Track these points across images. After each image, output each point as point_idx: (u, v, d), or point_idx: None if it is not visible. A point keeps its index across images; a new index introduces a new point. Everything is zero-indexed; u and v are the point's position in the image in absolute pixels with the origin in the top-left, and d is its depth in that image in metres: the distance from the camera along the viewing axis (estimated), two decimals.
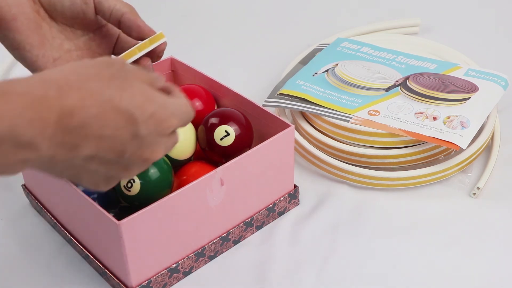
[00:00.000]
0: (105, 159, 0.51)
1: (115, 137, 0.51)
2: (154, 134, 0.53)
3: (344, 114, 0.84)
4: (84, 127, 0.49)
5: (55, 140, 0.48)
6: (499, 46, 1.09)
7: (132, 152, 0.52)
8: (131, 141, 0.52)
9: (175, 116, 0.54)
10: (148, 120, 0.52)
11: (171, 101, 0.54)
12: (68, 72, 0.51)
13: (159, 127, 0.53)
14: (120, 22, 0.65)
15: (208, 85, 0.83)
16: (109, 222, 0.64)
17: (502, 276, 0.71)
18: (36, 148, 0.47)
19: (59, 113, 0.47)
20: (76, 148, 0.49)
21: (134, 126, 0.51)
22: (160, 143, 0.54)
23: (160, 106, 0.53)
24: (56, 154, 0.49)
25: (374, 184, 0.82)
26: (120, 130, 0.51)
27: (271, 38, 1.14)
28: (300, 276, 0.72)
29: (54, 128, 0.47)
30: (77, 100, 0.48)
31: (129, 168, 0.54)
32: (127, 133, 0.51)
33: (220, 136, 0.74)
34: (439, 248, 0.75)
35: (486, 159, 0.85)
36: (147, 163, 0.54)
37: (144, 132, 0.52)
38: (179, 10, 1.23)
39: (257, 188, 0.75)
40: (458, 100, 0.84)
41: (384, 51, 0.96)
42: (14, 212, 0.81)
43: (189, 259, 0.72)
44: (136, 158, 0.53)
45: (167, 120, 0.53)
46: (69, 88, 0.49)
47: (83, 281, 0.72)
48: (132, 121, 0.51)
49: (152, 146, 0.53)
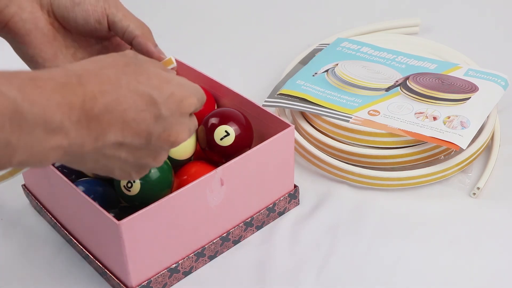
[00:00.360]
0: (133, 145, 0.52)
1: (138, 120, 0.52)
2: (176, 114, 0.54)
3: (344, 114, 0.84)
4: (106, 112, 0.50)
5: (81, 126, 0.49)
6: (499, 46, 1.09)
7: (158, 135, 0.53)
8: (155, 123, 0.53)
9: (193, 94, 0.55)
10: (167, 100, 0.53)
11: (187, 82, 0.56)
12: (84, 63, 0.52)
13: (180, 106, 0.54)
14: (131, 44, 0.65)
15: (208, 85, 0.83)
16: (109, 222, 0.64)
17: (502, 276, 0.71)
18: (66, 134, 0.48)
19: (83, 98, 0.49)
20: (102, 134, 0.50)
21: (155, 107, 0.52)
22: (183, 124, 0.55)
23: (178, 86, 0.54)
24: (85, 142, 0.49)
25: (374, 184, 0.82)
26: (142, 113, 0.52)
27: (271, 38, 1.14)
28: (300, 276, 0.72)
29: (79, 113, 0.48)
30: (97, 86, 0.50)
31: (158, 154, 0.55)
32: (150, 115, 0.52)
33: (220, 136, 0.74)
34: (439, 248, 0.75)
35: (486, 159, 0.85)
36: (173, 146, 0.55)
37: (166, 113, 0.53)
38: (179, 10, 1.23)
39: (257, 188, 0.75)
40: (458, 100, 0.84)
41: (384, 51, 0.96)
42: (14, 212, 0.81)
43: (189, 259, 0.72)
44: (163, 141, 0.54)
45: (187, 99, 0.54)
46: (88, 75, 0.50)
47: (83, 281, 0.72)
48: (152, 102, 0.52)
49: (176, 126, 0.54)
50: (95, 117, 0.49)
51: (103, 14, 0.62)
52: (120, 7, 0.63)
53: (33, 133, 0.46)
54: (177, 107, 0.54)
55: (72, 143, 0.49)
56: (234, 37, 1.15)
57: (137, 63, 0.54)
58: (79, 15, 0.62)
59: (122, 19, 0.63)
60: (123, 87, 0.51)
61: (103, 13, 0.62)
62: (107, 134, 0.50)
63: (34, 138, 0.46)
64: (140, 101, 0.52)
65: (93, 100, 0.49)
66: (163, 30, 1.18)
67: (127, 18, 0.63)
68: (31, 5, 0.62)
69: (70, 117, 0.48)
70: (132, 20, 0.64)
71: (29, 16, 0.62)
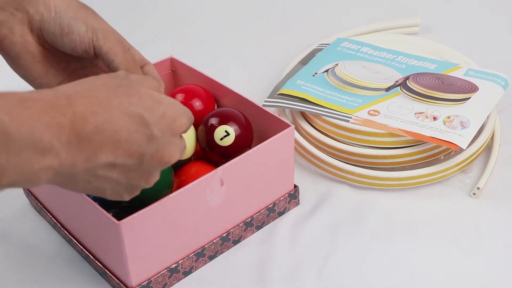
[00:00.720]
0: (126, 166, 0.53)
1: (130, 141, 0.52)
2: (168, 134, 0.54)
3: (344, 114, 0.84)
4: (97, 132, 0.50)
5: (72, 147, 0.49)
6: (499, 46, 1.09)
7: (151, 156, 0.54)
8: (147, 144, 0.53)
9: (184, 115, 0.56)
10: (159, 120, 0.53)
11: (178, 102, 0.56)
12: (75, 84, 0.52)
13: (171, 126, 0.54)
14: None
15: (208, 85, 0.83)
16: (109, 222, 0.64)
17: (502, 276, 0.71)
18: (56, 154, 0.48)
19: (72, 119, 0.49)
20: (94, 155, 0.50)
21: (147, 128, 0.52)
22: (175, 144, 0.55)
23: (169, 107, 0.55)
24: (76, 163, 0.50)
25: (374, 184, 0.82)
26: (134, 134, 0.52)
27: (271, 38, 1.14)
28: (300, 276, 0.72)
29: (69, 133, 0.48)
30: (87, 107, 0.50)
31: (150, 175, 0.55)
32: (142, 135, 0.52)
33: (220, 136, 0.74)
34: (439, 248, 0.75)
35: (486, 159, 0.85)
36: (165, 166, 0.55)
37: (158, 133, 0.53)
38: (179, 10, 1.23)
39: (257, 188, 0.75)
40: (458, 100, 0.84)
41: (384, 51, 0.96)
42: (14, 212, 0.81)
43: (189, 259, 0.72)
44: (155, 162, 0.54)
45: (179, 119, 0.55)
46: (78, 96, 0.50)
47: (83, 281, 0.72)
48: (144, 123, 0.52)
49: (169, 147, 0.55)
50: (86, 138, 0.49)
51: (90, 45, 0.62)
52: (108, 38, 0.62)
53: (22, 153, 0.46)
54: (168, 127, 0.54)
55: (63, 164, 0.49)
56: (234, 37, 1.16)
57: (128, 84, 0.54)
58: (67, 44, 0.62)
59: (107, 52, 0.62)
60: (114, 108, 0.51)
61: (90, 45, 0.62)
62: (99, 154, 0.51)
63: (23, 159, 0.46)
64: (132, 122, 0.52)
65: (84, 121, 0.49)
66: (163, 30, 1.18)
67: (113, 52, 0.62)
68: (21, 29, 0.62)
69: (59, 138, 0.48)
70: (117, 54, 0.62)
71: (19, 40, 0.62)
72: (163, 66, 0.87)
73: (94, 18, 0.63)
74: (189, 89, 0.82)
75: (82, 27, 0.62)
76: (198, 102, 0.80)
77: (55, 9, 0.62)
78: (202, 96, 0.81)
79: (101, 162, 0.51)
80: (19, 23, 0.62)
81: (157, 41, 1.15)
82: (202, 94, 0.81)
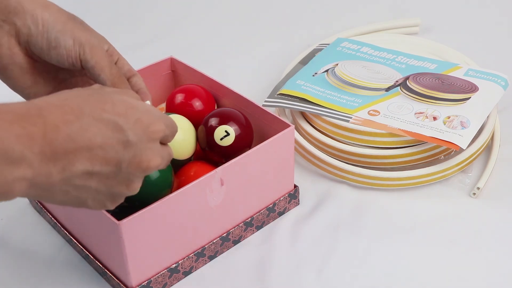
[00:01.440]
0: (103, 174, 0.52)
1: (105, 147, 0.51)
2: (144, 140, 0.53)
3: (344, 114, 0.84)
4: (71, 141, 0.49)
5: (45, 157, 0.48)
6: (499, 46, 1.09)
7: (129, 162, 0.53)
8: (123, 150, 0.52)
9: (161, 120, 0.55)
10: (134, 126, 0.53)
11: (155, 109, 0.55)
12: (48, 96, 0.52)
13: (147, 132, 0.53)
14: None
15: (208, 85, 0.83)
16: (109, 222, 0.64)
17: (502, 276, 0.71)
18: (29, 165, 0.47)
19: (44, 129, 0.48)
20: (69, 164, 0.50)
21: (121, 133, 0.52)
22: (153, 149, 0.54)
23: (144, 112, 0.54)
24: (51, 173, 0.49)
25: (374, 184, 0.82)
26: (109, 140, 0.51)
27: (271, 38, 1.14)
28: (300, 276, 0.72)
29: (41, 143, 0.48)
30: (59, 116, 0.49)
31: (130, 182, 0.54)
32: (117, 141, 0.52)
33: (220, 136, 0.74)
34: (439, 248, 0.75)
35: (486, 159, 0.85)
36: (146, 172, 0.55)
37: (133, 138, 0.52)
38: (179, 10, 1.23)
39: (257, 188, 0.75)
40: (458, 100, 0.84)
41: (384, 51, 0.96)
42: (14, 212, 0.81)
43: (189, 259, 0.72)
44: (134, 168, 0.53)
45: (154, 124, 0.54)
46: (49, 106, 0.50)
47: (83, 281, 0.72)
48: (118, 129, 0.52)
49: (146, 152, 0.54)
50: (59, 147, 0.49)
51: (77, 59, 0.62)
52: (95, 52, 0.62)
53: None
54: (144, 132, 0.53)
55: (37, 174, 0.48)
56: (234, 37, 1.16)
57: (101, 92, 0.54)
58: (54, 58, 0.62)
59: (94, 66, 0.62)
60: (87, 115, 0.51)
61: (77, 59, 0.62)
62: (75, 163, 0.50)
63: None
64: (106, 128, 0.51)
65: (56, 130, 0.49)
66: (163, 30, 1.18)
67: (99, 66, 0.62)
68: (8, 41, 0.62)
69: (31, 148, 0.47)
70: (103, 69, 0.62)
71: (7, 52, 0.62)
72: (163, 66, 0.87)
73: (82, 31, 0.62)
74: (189, 89, 0.82)
75: (69, 41, 0.61)
76: (198, 102, 0.80)
77: (42, 22, 0.61)
78: (202, 96, 0.81)
79: (78, 171, 0.50)
80: (6, 34, 0.61)
81: (157, 41, 1.15)
82: (202, 94, 0.81)
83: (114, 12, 1.24)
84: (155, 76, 0.86)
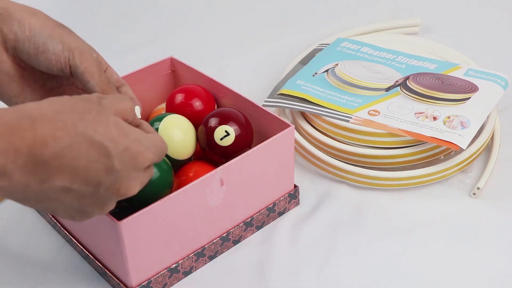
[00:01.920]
0: (80, 192, 0.52)
1: (89, 169, 0.51)
2: (129, 168, 0.53)
3: (344, 114, 0.84)
4: (56, 158, 0.49)
5: (27, 169, 0.48)
6: (499, 46, 1.09)
7: (108, 186, 0.52)
8: (106, 175, 0.52)
9: (149, 150, 0.54)
10: (122, 153, 0.52)
11: (146, 136, 0.55)
12: (44, 104, 0.51)
13: (133, 162, 0.53)
14: None
15: (208, 85, 0.83)
16: (109, 222, 0.64)
17: (502, 276, 0.71)
18: (8, 177, 0.47)
19: (32, 143, 0.48)
20: (49, 178, 0.49)
21: (108, 159, 0.51)
22: (136, 178, 0.54)
23: (135, 141, 0.53)
24: (29, 183, 0.49)
25: (374, 184, 0.82)
26: (94, 163, 0.51)
27: (271, 38, 1.14)
28: (300, 276, 0.72)
29: (26, 157, 0.48)
30: (50, 131, 0.49)
31: (104, 204, 0.54)
32: (102, 166, 0.51)
33: (220, 136, 0.74)
34: (439, 248, 0.75)
35: (486, 159, 0.85)
36: (122, 198, 0.54)
37: (118, 166, 0.52)
38: (179, 10, 1.23)
39: (257, 188, 0.75)
40: (458, 100, 0.84)
41: (384, 51, 0.96)
42: (14, 212, 0.81)
43: (189, 259, 0.72)
44: (111, 193, 0.53)
45: (142, 155, 0.54)
46: (42, 119, 0.49)
47: (83, 281, 0.72)
48: (106, 154, 0.51)
49: (128, 180, 0.53)
50: (43, 162, 0.48)
51: (66, 65, 0.61)
52: (84, 58, 0.61)
53: None
54: (130, 161, 0.53)
55: (14, 185, 0.48)
56: (234, 37, 1.16)
57: (99, 110, 0.53)
58: (42, 63, 0.61)
59: (83, 72, 0.61)
60: (78, 134, 0.50)
61: (66, 64, 0.61)
62: (55, 178, 0.50)
63: None
64: (94, 151, 0.51)
65: (43, 145, 0.48)
66: (163, 30, 1.18)
67: (89, 72, 0.61)
68: None
69: (15, 161, 0.47)
70: (93, 75, 0.62)
71: None
72: (163, 66, 0.87)
73: (70, 37, 0.62)
74: (189, 89, 0.82)
75: (58, 46, 0.61)
76: (198, 102, 0.80)
77: (29, 28, 0.61)
78: (202, 96, 0.81)
79: (56, 186, 0.50)
80: None
81: (157, 41, 1.15)
82: (202, 94, 0.81)
83: (114, 12, 1.24)
84: (155, 76, 0.86)
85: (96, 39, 0.96)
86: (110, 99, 0.55)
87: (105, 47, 0.95)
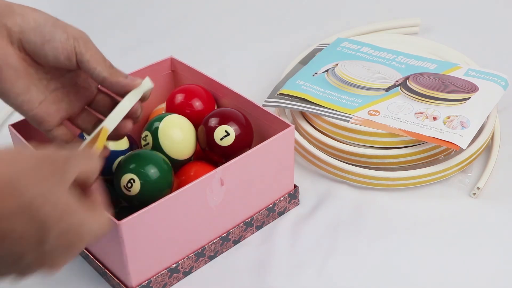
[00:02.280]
0: (1, 258, 0.49)
1: (18, 242, 0.49)
2: (59, 251, 0.51)
3: (344, 114, 0.84)
4: None
5: None
6: (499, 46, 1.09)
7: (31, 260, 0.51)
8: (33, 250, 0.50)
9: (87, 237, 0.52)
10: (59, 235, 0.50)
11: (90, 220, 0.53)
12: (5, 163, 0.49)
13: (68, 247, 0.51)
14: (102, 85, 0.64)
15: (208, 85, 0.83)
16: None
17: (502, 276, 0.71)
18: None
19: None
20: None
21: (42, 236, 0.49)
22: (63, 258, 0.52)
23: (77, 225, 0.51)
24: None
25: (374, 184, 0.82)
26: (26, 238, 0.49)
27: (271, 38, 1.14)
28: (300, 276, 0.72)
29: None
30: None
31: (24, 273, 0.52)
32: (33, 241, 0.49)
33: (220, 136, 0.74)
34: (439, 248, 0.75)
35: (486, 159, 0.85)
36: (43, 272, 0.53)
37: (49, 247, 0.50)
38: (179, 10, 1.23)
39: (257, 188, 0.75)
40: (458, 100, 0.84)
41: (384, 51, 0.96)
42: None
43: (189, 259, 0.72)
44: (34, 265, 0.51)
45: (80, 242, 0.52)
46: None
47: (83, 281, 0.72)
48: (43, 231, 0.49)
49: (54, 259, 0.52)
50: None
51: (72, 52, 0.62)
52: (89, 46, 0.62)
53: None
54: (64, 246, 0.51)
55: None
56: (234, 37, 1.16)
57: (58, 178, 0.50)
58: (49, 52, 0.61)
59: (89, 60, 0.62)
60: (24, 205, 0.48)
61: (72, 52, 0.61)
62: None
63: None
64: (31, 226, 0.48)
65: None
66: (163, 30, 1.18)
67: (94, 59, 0.62)
68: (0, 42, 0.61)
69: None
70: (99, 62, 0.62)
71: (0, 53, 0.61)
72: (163, 66, 0.87)
73: (73, 27, 0.62)
74: (189, 89, 0.82)
75: (63, 35, 0.61)
76: (198, 102, 0.80)
77: (33, 20, 0.61)
78: (202, 96, 0.81)
79: None
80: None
81: (157, 41, 1.15)
82: (202, 94, 0.81)
83: (115, 12, 1.24)
84: (155, 76, 0.86)
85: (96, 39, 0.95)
86: (79, 159, 0.53)
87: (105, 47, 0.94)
